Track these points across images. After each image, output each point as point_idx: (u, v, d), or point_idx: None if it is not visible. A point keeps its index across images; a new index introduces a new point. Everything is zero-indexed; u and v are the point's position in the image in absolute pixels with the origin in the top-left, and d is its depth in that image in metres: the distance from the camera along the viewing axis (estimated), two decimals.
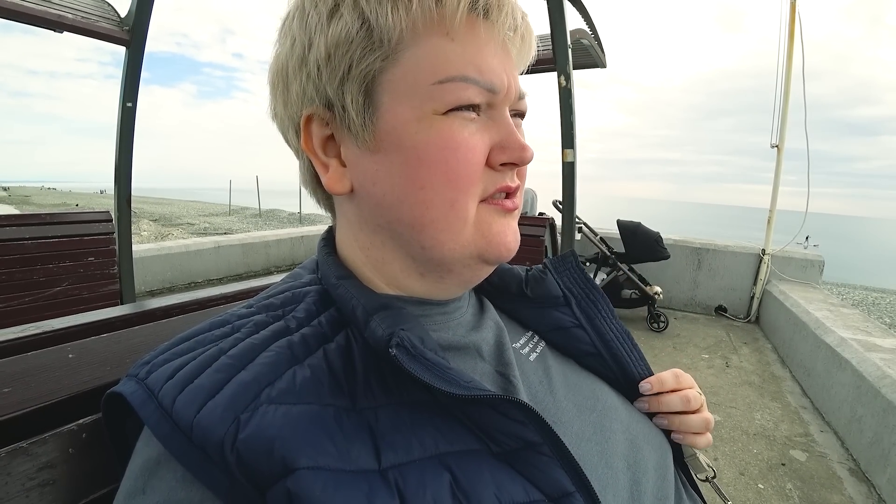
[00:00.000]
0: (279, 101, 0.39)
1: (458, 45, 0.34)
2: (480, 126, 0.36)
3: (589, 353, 0.49)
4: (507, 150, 0.36)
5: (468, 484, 0.30)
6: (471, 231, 0.37)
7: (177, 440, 0.28)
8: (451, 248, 0.37)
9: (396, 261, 0.39)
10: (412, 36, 0.34)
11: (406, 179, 0.35)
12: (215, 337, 0.34)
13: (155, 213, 15.44)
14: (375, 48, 0.34)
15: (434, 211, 0.35)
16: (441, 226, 0.36)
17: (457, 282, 0.41)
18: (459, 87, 0.34)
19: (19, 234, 2.10)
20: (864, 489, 1.91)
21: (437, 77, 0.34)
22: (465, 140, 0.34)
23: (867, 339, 2.50)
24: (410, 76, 0.34)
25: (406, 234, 0.37)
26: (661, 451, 0.46)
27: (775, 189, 4.19)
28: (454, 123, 0.34)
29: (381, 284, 0.41)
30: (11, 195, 28.20)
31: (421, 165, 0.34)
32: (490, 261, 0.39)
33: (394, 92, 0.35)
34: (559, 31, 2.34)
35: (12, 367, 0.43)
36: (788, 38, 3.86)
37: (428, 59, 0.34)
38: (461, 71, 0.34)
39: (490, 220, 0.37)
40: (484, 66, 0.35)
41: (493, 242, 0.37)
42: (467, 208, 0.36)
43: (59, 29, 2.13)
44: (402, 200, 0.36)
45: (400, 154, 0.35)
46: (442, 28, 0.34)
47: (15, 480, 0.35)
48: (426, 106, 0.34)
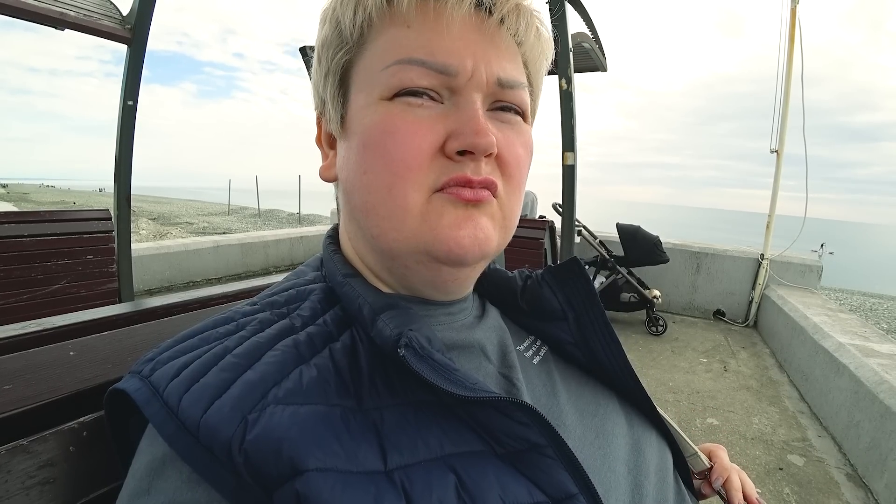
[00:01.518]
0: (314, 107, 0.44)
1: (414, 32, 0.35)
2: (437, 112, 0.34)
3: (586, 368, 0.49)
4: (459, 136, 0.33)
5: (473, 485, 0.30)
6: (416, 222, 0.34)
7: (183, 440, 0.28)
8: (394, 237, 0.35)
9: (368, 252, 0.41)
10: (373, 30, 0.36)
11: (355, 164, 0.37)
12: (220, 335, 0.34)
13: (154, 212, 15.41)
14: (343, 44, 0.37)
15: (374, 196, 0.35)
16: (381, 212, 0.35)
17: (420, 281, 0.39)
18: (402, 69, 0.34)
19: (18, 232, 2.09)
20: (862, 494, 1.91)
21: (385, 62, 0.35)
22: (408, 124, 0.33)
23: (865, 344, 2.50)
24: (368, 65, 0.36)
25: (361, 221, 0.38)
26: (662, 454, 0.46)
27: (774, 194, 4.20)
28: (396, 108, 0.34)
29: (375, 279, 0.41)
30: (10, 192, 28.13)
31: (365, 150, 0.35)
32: (440, 258, 0.35)
33: (357, 82, 0.37)
34: (561, 34, 2.35)
35: (13, 364, 0.43)
36: (789, 43, 3.87)
37: (383, 47, 0.35)
38: (408, 54, 0.34)
39: (441, 212, 0.34)
40: (437, 48, 0.34)
41: (440, 237, 0.34)
42: (406, 196, 0.34)
43: (61, 26, 2.13)
44: (354, 185, 0.37)
45: (354, 139, 0.37)
46: (397, 18, 0.35)
47: (15, 478, 0.35)
48: (375, 91, 0.35)
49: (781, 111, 3.95)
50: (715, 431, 2.35)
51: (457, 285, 0.40)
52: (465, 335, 0.42)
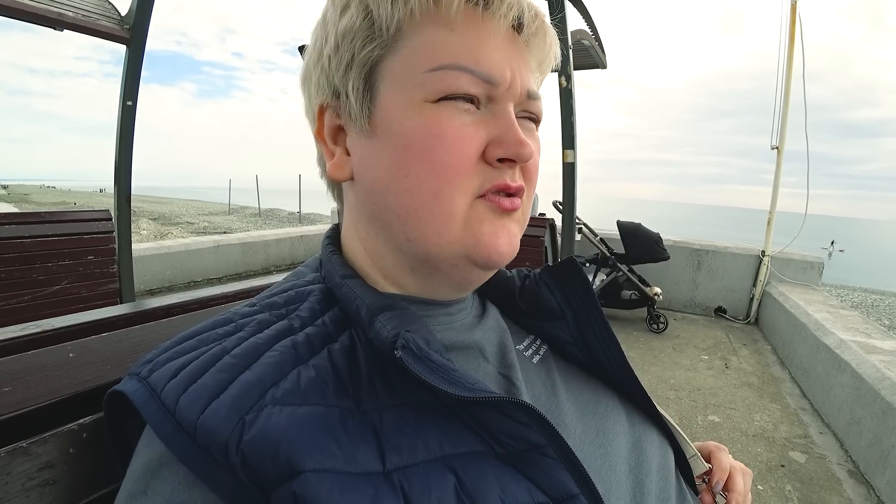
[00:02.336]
0: (306, 97, 0.42)
1: (457, 35, 0.34)
2: (478, 119, 0.35)
3: (586, 367, 0.49)
4: (503, 145, 0.35)
5: (473, 486, 0.30)
6: (458, 228, 0.35)
7: (180, 440, 0.28)
8: (435, 242, 0.35)
9: (389, 254, 0.39)
10: (411, 26, 0.35)
11: (393, 166, 0.35)
12: (218, 336, 0.34)
13: (154, 212, 15.42)
14: (375, 37, 0.35)
15: (417, 200, 0.35)
16: (424, 217, 0.35)
17: (446, 282, 0.40)
18: (451, 74, 0.34)
19: (18, 233, 2.09)
20: (864, 491, 1.91)
21: (429, 65, 0.34)
22: (455, 129, 0.34)
23: (867, 341, 2.50)
24: (407, 64, 0.35)
25: (393, 224, 0.37)
26: (663, 453, 0.46)
27: (775, 190, 4.20)
28: (444, 111, 0.34)
29: (381, 280, 0.40)
30: (11, 193, 28.17)
31: (407, 152, 0.34)
32: (479, 264, 0.36)
33: (390, 79, 0.35)
34: (560, 31, 2.34)
35: (12, 367, 0.43)
36: (789, 39, 3.86)
37: (424, 48, 0.34)
38: (455, 59, 0.34)
39: (482, 219, 0.35)
40: (482, 56, 0.34)
41: (481, 243, 0.35)
42: (453, 201, 0.34)
43: (60, 27, 2.12)
44: (389, 187, 0.36)
45: (390, 140, 0.35)
46: (441, 19, 0.34)
47: (15, 480, 0.34)
48: (417, 93, 0.34)
49: (782, 107, 3.94)
50: (716, 429, 2.35)
51: (478, 284, 0.42)
52: (465, 335, 0.42)
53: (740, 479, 0.51)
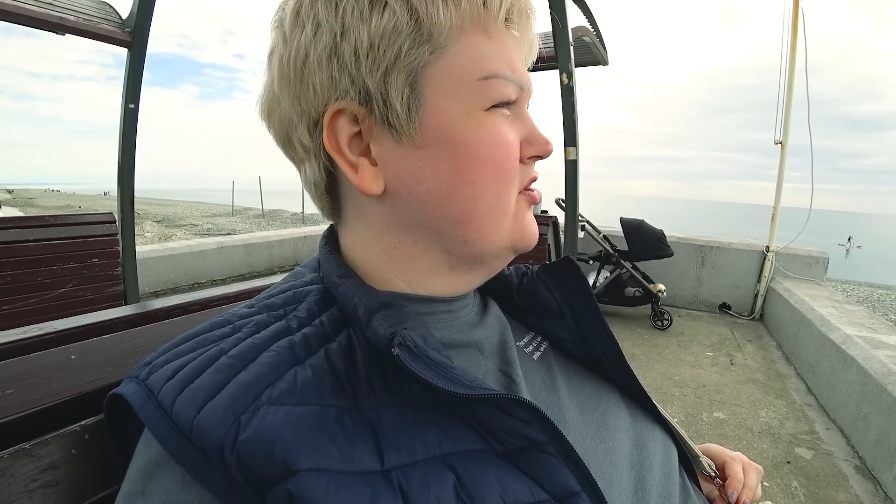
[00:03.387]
0: (286, 95, 0.36)
1: (495, 44, 0.36)
2: (512, 122, 0.38)
3: (586, 364, 0.49)
4: (534, 144, 0.39)
5: (472, 484, 0.30)
6: (510, 222, 0.38)
7: (176, 441, 0.28)
8: (493, 239, 0.38)
9: (427, 258, 0.39)
10: (458, 32, 0.35)
11: (456, 175, 0.35)
12: (216, 337, 0.34)
13: (158, 215, 15.49)
14: (424, 41, 0.33)
15: (482, 205, 0.36)
16: (487, 219, 0.37)
17: (483, 273, 0.42)
18: (501, 83, 0.35)
19: (23, 236, 2.11)
20: (871, 487, 1.90)
21: (482, 73, 0.35)
22: (507, 136, 0.36)
23: (873, 336, 2.48)
24: (457, 71, 0.35)
25: (449, 230, 0.37)
26: (666, 449, 0.46)
27: (779, 186, 4.17)
28: (496, 120, 0.36)
29: (400, 283, 0.40)
30: (16, 197, 28.37)
31: (471, 161, 0.35)
32: (520, 250, 0.40)
33: (439, 86, 0.34)
34: (561, 28, 2.34)
35: (15, 369, 0.43)
36: (792, 33, 3.83)
37: (471, 54, 0.35)
38: (500, 68, 0.36)
39: (523, 210, 0.40)
40: (514, 64, 0.37)
41: (525, 232, 0.40)
42: (510, 201, 0.38)
43: (62, 31, 2.14)
44: (450, 196, 0.36)
45: (447, 150, 0.35)
46: (483, 27, 0.35)
47: (18, 482, 0.35)
48: (474, 101, 0.35)
49: (785, 102, 3.91)
50: (721, 425, 2.34)
51: (497, 271, 0.43)
52: (465, 333, 0.42)
53: (754, 476, 0.53)
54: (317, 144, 0.37)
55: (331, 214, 0.42)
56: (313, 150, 0.37)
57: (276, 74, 0.36)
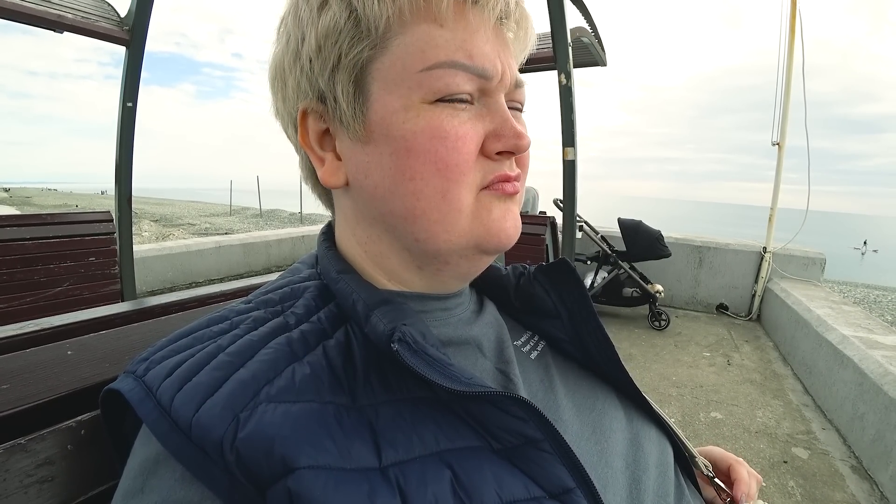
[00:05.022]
0: (279, 98, 0.40)
1: (448, 31, 0.33)
2: (473, 114, 0.35)
3: (583, 364, 0.49)
4: (501, 138, 0.35)
5: (469, 481, 0.30)
6: (467, 221, 0.36)
7: (175, 439, 0.28)
8: (445, 239, 0.36)
9: (393, 254, 0.39)
10: (400, 24, 0.34)
11: (396, 170, 0.35)
12: (213, 333, 0.34)
13: (156, 214, 15.45)
14: (363, 37, 0.34)
15: (425, 202, 0.34)
16: (434, 217, 0.35)
17: (454, 274, 0.40)
18: (448, 73, 0.33)
19: (20, 235, 2.10)
20: (867, 487, 1.90)
21: (424, 64, 0.33)
22: (455, 129, 0.34)
23: (869, 336, 2.49)
24: (399, 64, 0.34)
25: (399, 227, 0.37)
26: (662, 449, 0.46)
27: (777, 187, 4.18)
28: (443, 112, 0.34)
29: (382, 279, 0.40)
30: (13, 196, 28.26)
31: (410, 156, 0.34)
32: (489, 250, 0.37)
33: (383, 80, 0.34)
34: (559, 29, 2.34)
35: (11, 364, 0.43)
36: (789, 34, 3.85)
37: (416, 45, 0.33)
38: (450, 56, 0.33)
39: (489, 206, 0.36)
40: (475, 51, 0.34)
41: (492, 230, 0.36)
42: (460, 198, 0.35)
43: (59, 29, 2.13)
44: (393, 192, 0.35)
45: (389, 144, 0.34)
46: (430, 15, 0.33)
47: (13, 477, 0.35)
48: (414, 94, 0.33)
49: (783, 103, 3.93)
50: (719, 425, 2.35)
51: (474, 273, 0.42)
52: (462, 331, 0.42)
53: (754, 484, 0.53)
54: (296, 141, 0.40)
55: (326, 205, 0.45)
56: (298, 147, 0.41)
57: (270, 81, 0.41)
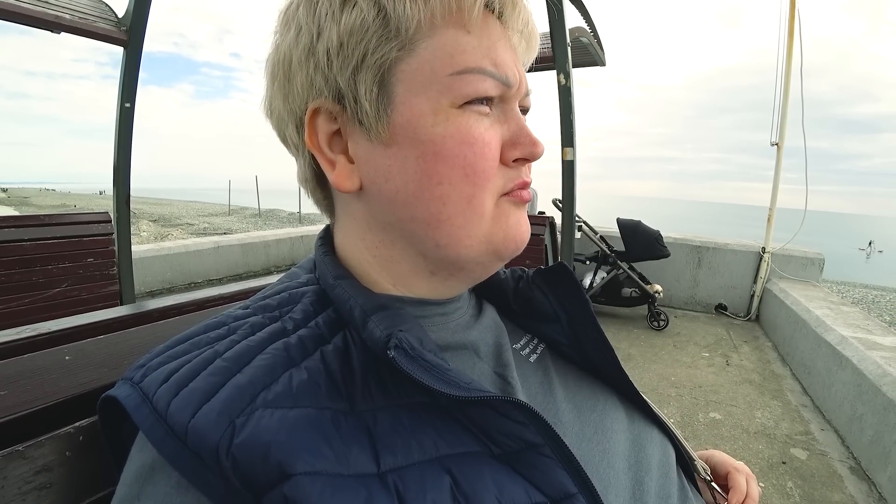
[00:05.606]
0: (278, 95, 0.38)
1: (475, 38, 0.34)
2: (493, 121, 0.36)
3: (583, 367, 0.49)
4: (519, 146, 0.36)
5: (469, 487, 0.30)
6: (487, 226, 0.36)
7: (171, 445, 0.27)
8: (467, 244, 0.36)
9: (406, 259, 0.39)
10: (429, 27, 0.33)
11: (422, 174, 0.34)
12: (211, 339, 0.34)
13: (154, 214, 15.42)
14: (392, 37, 0.33)
15: (451, 207, 0.35)
16: (458, 222, 0.35)
17: (466, 279, 0.40)
18: (477, 78, 0.34)
19: (18, 236, 2.09)
20: (865, 487, 1.91)
21: (454, 68, 0.33)
22: (482, 135, 0.34)
23: (868, 337, 2.49)
24: (427, 67, 0.33)
25: (420, 232, 0.36)
26: (664, 450, 0.46)
27: (775, 187, 4.19)
28: (471, 117, 0.34)
29: (386, 284, 0.40)
30: (10, 196, 28.20)
31: (438, 160, 0.34)
32: (504, 256, 0.38)
33: (409, 83, 0.34)
34: (558, 29, 2.34)
35: (8, 370, 0.43)
36: (788, 34, 3.85)
37: (445, 50, 0.33)
38: (478, 63, 0.34)
39: (507, 212, 0.37)
40: (499, 59, 0.35)
41: (509, 235, 0.37)
42: (484, 204, 0.35)
43: (57, 30, 2.12)
44: (418, 196, 0.35)
45: (415, 148, 0.34)
46: (459, 20, 0.34)
47: (11, 484, 0.34)
48: (443, 98, 0.33)
49: (781, 104, 3.93)
50: (717, 426, 2.35)
51: (483, 277, 0.42)
52: (460, 335, 0.42)
53: (755, 486, 0.53)
54: (302, 142, 0.38)
55: (325, 210, 0.44)
56: (301, 148, 0.39)
57: (270, 76, 0.38)
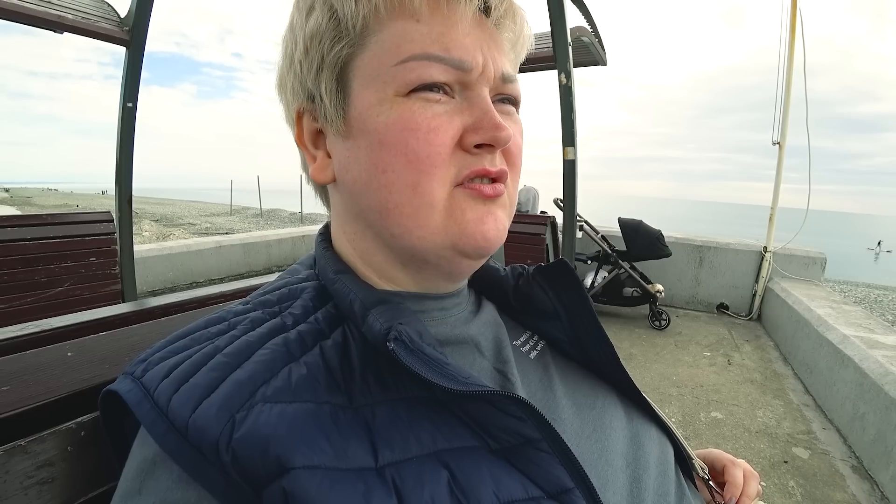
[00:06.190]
0: (284, 103, 0.42)
1: (424, 26, 0.34)
2: (452, 108, 0.35)
3: (582, 364, 0.49)
4: (479, 130, 0.35)
5: (466, 481, 0.30)
6: (440, 218, 0.35)
7: (172, 440, 0.28)
8: (419, 235, 0.35)
9: (378, 251, 0.39)
10: (377, 21, 0.35)
11: (370, 164, 0.35)
12: (211, 334, 0.34)
13: (156, 214, 15.46)
14: (343, 36, 0.35)
15: (397, 195, 0.34)
16: (406, 211, 0.35)
17: (437, 274, 0.40)
18: (421, 65, 0.33)
19: (21, 235, 2.10)
20: (867, 487, 1.90)
21: (399, 57, 0.34)
22: (427, 121, 0.34)
23: (870, 336, 2.49)
24: (375, 60, 0.35)
25: (376, 222, 0.37)
26: (662, 448, 0.46)
27: (777, 186, 4.18)
28: (415, 104, 0.34)
29: (375, 278, 0.40)
30: (13, 196, 28.30)
31: (382, 148, 0.34)
32: (466, 252, 0.36)
33: (362, 77, 0.35)
34: (559, 28, 2.34)
35: (11, 366, 0.43)
36: (790, 33, 3.84)
37: (392, 41, 0.34)
38: (424, 49, 0.34)
39: (464, 206, 0.35)
40: (452, 43, 0.34)
41: (466, 231, 0.35)
42: (432, 192, 0.34)
43: (60, 30, 2.13)
44: (368, 185, 0.36)
45: (365, 138, 0.35)
46: (406, 11, 0.34)
47: (13, 479, 0.35)
48: (388, 88, 0.34)
49: (783, 103, 3.92)
50: (719, 425, 2.35)
51: (469, 273, 0.42)
52: (460, 330, 0.42)
53: (754, 485, 0.53)
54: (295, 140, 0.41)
55: (324, 203, 0.46)
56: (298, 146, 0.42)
57: (278, 89, 0.43)
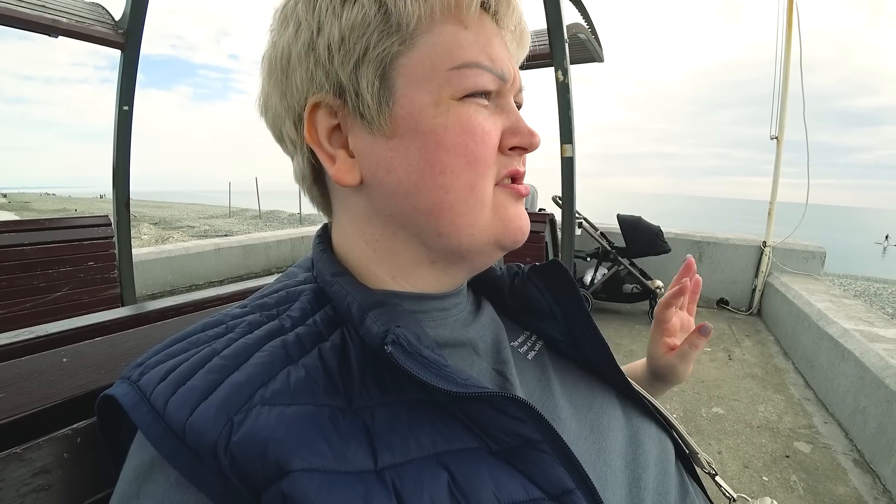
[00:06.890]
0: (275, 92, 0.38)
1: (472, 34, 0.35)
2: (492, 112, 0.37)
3: (580, 364, 0.49)
4: (517, 135, 0.38)
5: (466, 483, 0.30)
6: (489, 215, 0.37)
7: (169, 443, 0.27)
8: (469, 232, 0.37)
9: (407, 251, 0.39)
10: (429, 22, 0.35)
11: (424, 164, 0.35)
12: (209, 337, 0.34)
13: (155, 217, 15.44)
14: (393, 32, 0.34)
15: (453, 195, 0.35)
16: (460, 210, 0.36)
17: (466, 268, 0.41)
18: (475, 72, 0.35)
19: (19, 240, 2.10)
20: (869, 480, 1.90)
21: (454, 63, 0.35)
22: (481, 124, 0.36)
23: (870, 329, 2.49)
24: (427, 61, 0.35)
25: (422, 221, 0.37)
26: (662, 446, 0.46)
27: (775, 181, 4.18)
28: (470, 108, 0.35)
29: (386, 278, 0.40)
30: (11, 201, 28.27)
31: (440, 150, 0.35)
32: (506, 246, 0.39)
33: (410, 76, 0.35)
34: (556, 25, 2.33)
35: (6, 373, 0.43)
36: (787, 27, 3.84)
37: (444, 45, 0.35)
38: (476, 58, 0.35)
39: (506, 204, 0.38)
40: (494, 55, 0.36)
41: (510, 227, 0.38)
42: (485, 191, 0.37)
43: (54, 33, 2.12)
44: (420, 186, 0.35)
45: (417, 139, 0.35)
46: (457, 17, 0.35)
47: (9, 486, 0.34)
48: (444, 91, 0.35)
49: (781, 97, 3.92)
50: (720, 420, 2.35)
51: (483, 267, 0.43)
52: (459, 332, 0.41)
53: None
54: (300, 137, 0.38)
55: (322, 208, 0.44)
56: (298, 144, 0.39)
57: (267, 72, 0.39)
